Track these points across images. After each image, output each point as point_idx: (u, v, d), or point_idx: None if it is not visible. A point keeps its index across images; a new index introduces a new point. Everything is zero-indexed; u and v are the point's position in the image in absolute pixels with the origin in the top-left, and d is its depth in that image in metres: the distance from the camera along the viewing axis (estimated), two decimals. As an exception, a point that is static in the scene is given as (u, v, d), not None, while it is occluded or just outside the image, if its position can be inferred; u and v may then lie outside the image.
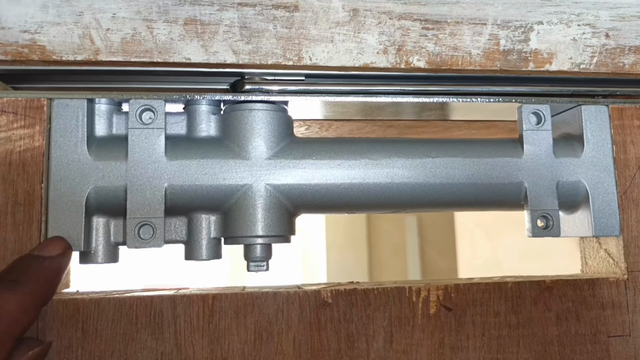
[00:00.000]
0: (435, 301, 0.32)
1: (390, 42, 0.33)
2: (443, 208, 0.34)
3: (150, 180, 0.30)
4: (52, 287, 0.27)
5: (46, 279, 0.27)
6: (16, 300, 0.25)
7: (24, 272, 0.26)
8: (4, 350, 0.24)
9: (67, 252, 0.28)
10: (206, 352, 0.30)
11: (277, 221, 0.32)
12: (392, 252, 2.00)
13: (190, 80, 0.34)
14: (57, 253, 0.28)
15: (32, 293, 0.25)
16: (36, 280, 0.26)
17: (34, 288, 0.26)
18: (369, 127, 0.40)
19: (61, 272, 0.28)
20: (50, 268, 0.27)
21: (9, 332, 0.24)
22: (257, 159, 0.32)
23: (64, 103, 0.30)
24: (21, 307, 0.25)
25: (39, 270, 0.27)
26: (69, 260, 0.29)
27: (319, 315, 0.31)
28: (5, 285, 0.25)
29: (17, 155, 0.30)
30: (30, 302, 0.25)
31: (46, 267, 0.27)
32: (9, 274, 0.26)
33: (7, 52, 0.30)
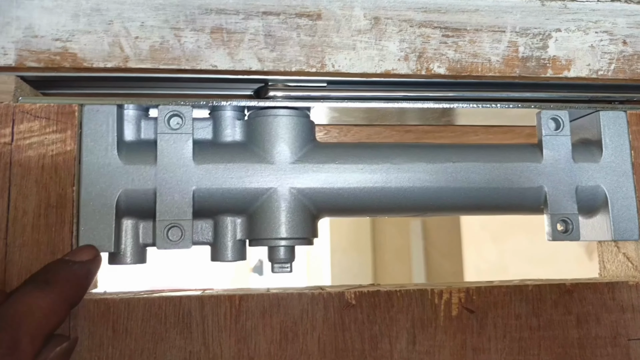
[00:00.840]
0: (457, 303, 0.33)
1: (411, 49, 0.34)
2: (463, 212, 0.35)
3: (179, 184, 0.31)
4: (81, 290, 0.28)
5: (75, 282, 0.27)
6: (47, 300, 0.25)
7: (54, 274, 0.27)
8: (34, 347, 0.24)
9: (97, 258, 0.29)
10: (233, 351, 0.31)
11: (300, 224, 0.32)
12: (397, 255, 2.00)
13: (215, 87, 0.35)
14: (87, 259, 0.29)
15: (62, 294, 0.26)
16: (66, 282, 0.27)
17: (63, 289, 0.26)
18: (387, 132, 0.40)
19: (90, 277, 0.29)
20: (79, 272, 0.28)
21: (39, 329, 0.25)
22: (282, 163, 0.32)
23: (95, 109, 0.31)
24: (51, 306, 0.25)
25: (68, 273, 0.28)
26: (98, 266, 0.29)
27: (342, 317, 0.32)
28: (36, 285, 0.26)
29: (49, 159, 0.31)
30: (60, 303, 0.26)
31: (76, 271, 0.28)
32: (40, 275, 0.27)
33: (40, 59, 0.31)
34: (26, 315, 0.24)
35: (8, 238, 0.30)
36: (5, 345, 0.23)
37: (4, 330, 0.23)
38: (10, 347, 0.23)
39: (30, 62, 0.31)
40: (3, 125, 0.31)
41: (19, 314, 0.24)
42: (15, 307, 0.25)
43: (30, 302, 0.25)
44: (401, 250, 1.96)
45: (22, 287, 0.26)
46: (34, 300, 0.25)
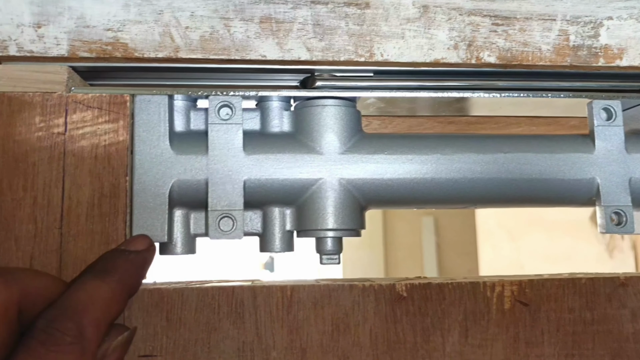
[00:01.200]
0: (509, 296, 0.32)
1: (461, 37, 0.33)
2: (513, 204, 0.34)
3: (230, 174, 0.31)
4: (138, 279, 0.28)
5: (133, 271, 0.27)
6: (107, 289, 0.25)
7: (113, 263, 0.27)
8: (99, 335, 0.24)
9: (151, 248, 0.29)
10: (286, 342, 0.31)
11: (349, 215, 0.32)
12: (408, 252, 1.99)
13: (261, 78, 0.35)
14: (143, 248, 0.29)
15: (121, 283, 0.26)
16: (124, 271, 0.27)
17: (122, 278, 0.26)
18: (429, 123, 0.40)
19: (146, 266, 0.29)
20: (136, 261, 0.28)
21: (102, 318, 0.25)
22: (331, 154, 0.32)
23: (147, 99, 0.31)
24: (112, 295, 0.25)
25: (125, 262, 0.27)
26: (153, 256, 0.29)
27: (394, 309, 0.31)
28: (96, 275, 0.26)
29: (102, 149, 0.31)
30: (119, 292, 0.26)
31: (133, 260, 0.28)
32: (98, 265, 0.27)
33: (91, 50, 0.31)
34: (89, 304, 0.24)
35: (63, 228, 0.30)
36: (71, 333, 0.23)
37: (69, 318, 0.23)
38: (77, 336, 0.23)
39: (83, 53, 0.31)
40: (56, 115, 0.31)
41: (82, 303, 0.24)
42: (78, 295, 0.25)
43: (92, 291, 0.25)
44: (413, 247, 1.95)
45: (82, 277, 0.26)
46: (95, 290, 0.25)
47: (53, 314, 0.23)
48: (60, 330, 0.23)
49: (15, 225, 0.30)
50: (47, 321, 0.23)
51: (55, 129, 0.31)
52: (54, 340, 0.22)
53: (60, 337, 0.23)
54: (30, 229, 0.30)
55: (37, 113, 0.31)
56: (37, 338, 0.23)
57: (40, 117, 0.31)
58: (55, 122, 0.31)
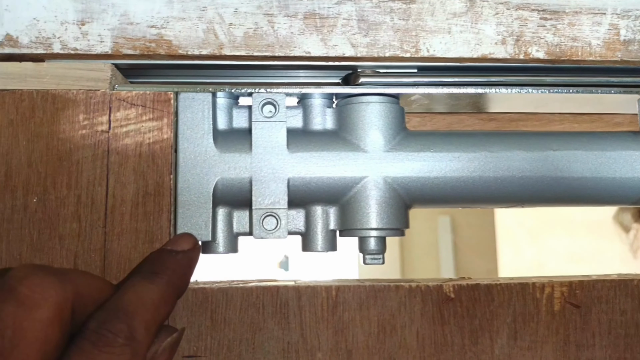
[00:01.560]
0: (559, 298, 0.32)
1: (509, 32, 0.33)
2: (562, 203, 0.33)
3: (274, 172, 0.31)
4: (186, 280, 0.28)
5: (180, 272, 0.27)
6: (156, 290, 0.25)
7: (161, 265, 0.27)
8: (149, 336, 0.24)
9: (197, 247, 0.29)
10: (331, 343, 0.30)
11: (394, 214, 0.32)
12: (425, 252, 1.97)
13: (303, 75, 0.34)
14: (188, 248, 0.28)
15: (170, 284, 0.26)
16: (172, 272, 0.27)
17: (170, 280, 0.26)
18: (469, 120, 0.39)
19: (193, 266, 0.28)
20: (183, 261, 0.28)
21: (153, 319, 0.24)
22: (376, 152, 0.32)
23: (190, 96, 0.31)
24: (161, 296, 0.25)
25: (173, 262, 0.27)
26: (198, 255, 0.29)
27: (441, 310, 0.31)
28: (145, 276, 0.26)
29: (146, 147, 0.31)
30: (169, 293, 0.26)
31: (180, 260, 0.27)
32: (146, 266, 0.27)
33: (135, 47, 0.31)
34: (139, 306, 0.24)
35: (107, 227, 0.30)
36: (123, 335, 0.23)
37: (121, 320, 0.23)
38: (128, 337, 0.23)
39: (126, 50, 0.31)
40: (100, 113, 0.31)
41: (132, 305, 0.24)
42: (128, 297, 0.24)
43: (141, 293, 0.25)
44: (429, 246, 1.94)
45: (131, 279, 0.26)
46: (144, 292, 0.25)
47: (104, 316, 0.23)
48: (112, 332, 0.23)
49: (59, 224, 0.30)
50: (99, 322, 0.23)
51: (99, 127, 0.31)
52: (105, 341, 0.22)
53: (112, 338, 0.22)
54: (74, 228, 0.30)
55: (80, 111, 0.31)
56: (89, 339, 0.22)
57: (84, 115, 0.31)
58: (99, 120, 0.31)
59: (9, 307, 0.22)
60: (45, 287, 0.22)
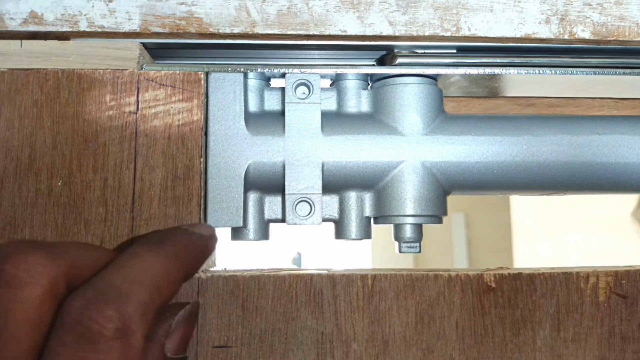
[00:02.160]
0: (604, 288, 0.30)
1: (553, 11, 0.31)
2: (607, 190, 0.32)
3: (308, 156, 0.30)
4: (197, 263, 0.24)
5: (193, 251, 0.24)
6: (159, 265, 0.21)
7: (172, 236, 0.24)
8: (145, 325, 0.20)
9: (214, 237, 0.26)
10: (367, 333, 0.29)
11: (432, 200, 0.30)
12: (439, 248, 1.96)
13: (337, 56, 0.33)
14: (207, 234, 0.26)
15: (178, 259, 0.22)
16: (184, 247, 0.23)
17: (179, 254, 0.22)
18: (507, 105, 0.38)
19: (207, 252, 0.25)
20: (197, 242, 0.25)
21: (151, 301, 0.20)
22: (414, 135, 0.30)
23: (221, 77, 0.30)
24: (164, 273, 0.21)
25: (186, 238, 0.24)
26: (214, 246, 0.26)
27: (482, 300, 0.30)
28: (149, 246, 0.22)
29: (175, 129, 0.29)
30: (175, 271, 0.22)
31: (195, 240, 0.24)
32: (155, 236, 0.24)
33: (164, 25, 0.30)
34: (135, 283, 0.20)
35: (134, 211, 0.29)
36: (112, 326, 0.19)
37: (110, 303, 0.19)
38: (119, 329, 0.19)
39: (155, 28, 0.30)
40: (128, 93, 0.30)
41: (127, 282, 0.20)
42: (124, 272, 0.20)
43: (140, 266, 0.21)
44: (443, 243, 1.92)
45: (132, 248, 0.22)
46: (144, 265, 0.21)
47: (89, 296, 0.19)
48: (97, 322, 0.18)
49: (85, 208, 0.29)
50: (80, 306, 0.19)
51: (126, 108, 0.30)
52: (89, 336, 0.18)
53: (97, 331, 0.18)
54: (101, 212, 0.29)
55: (107, 91, 0.30)
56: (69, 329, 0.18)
57: (111, 96, 0.30)
58: (126, 101, 0.30)
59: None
60: (31, 264, 0.20)
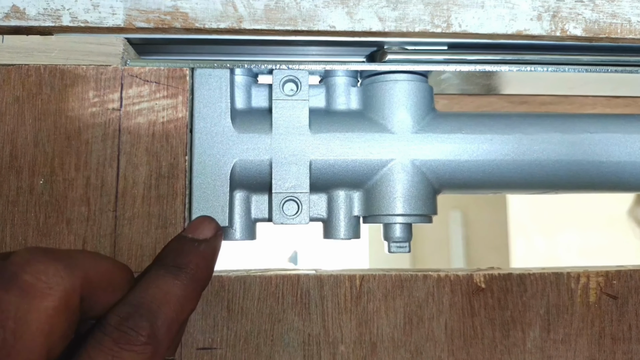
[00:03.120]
0: (595, 288, 0.30)
1: (545, 7, 0.31)
2: (599, 189, 0.31)
3: (296, 154, 0.29)
4: (210, 272, 0.26)
5: (205, 265, 0.25)
6: (181, 286, 0.24)
7: (185, 257, 0.25)
8: (171, 334, 0.23)
9: (219, 233, 0.27)
10: (354, 335, 0.28)
11: (422, 199, 0.30)
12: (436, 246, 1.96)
13: (326, 52, 0.33)
14: (211, 235, 0.26)
15: (194, 279, 0.24)
16: (196, 266, 0.25)
17: (195, 274, 0.25)
18: (499, 103, 0.37)
19: (216, 255, 0.27)
20: (206, 252, 0.26)
21: (176, 317, 0.23)
22: (404, 133, 0.30)
23: (207, 73, 0.29)
24: (185, 293, 0.24)
25: (197, 255, 0.26)
26: (221, 242, 0.27)
27: (471, 301, 0.29)
28: (169, 271, 0.24)
29: (160, 126, 0.29)
30: (193, 289, 0.24)
31: (203, 252, 0.26)
32: (169, 259, 0.25)
33: (149, 20, 0.29)
34: (163, 303, 0.23)
35: (117, 210, 0.28)
36: (145, 333, 0.21)
37: (143, 317, 0.22)
38: (150, 336, 0.22)
39: (140, 23, 0.29)
40: (111, 89, 0.29)
41: (156, 301, 0.23)
42: (152, 293, 0.23)
43: (166, 288, 0.23)
44: (440, 241, 1.92)
45: (154, 272, 0.24)
46: (169, 287, 0.23)
47: (126, 311, 0.22)
48: (134, 329, 0.21)
49: (67, 207, 0.28)
50: (121, 318, 0.22)
51: (110, 105, 0.29)
52: (127, 339, 0.21)
53: (134, 336, 0.21)
54: (83, 211, 0.28)
55: (90, 87, 0.29)
56: (110, 335, 0.21)
57: (94, 92, 0.29)
58: (110, 97, 0.29)
59: (11, 297, 0.20)
60: (50, 275, 0.21)
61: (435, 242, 1.85)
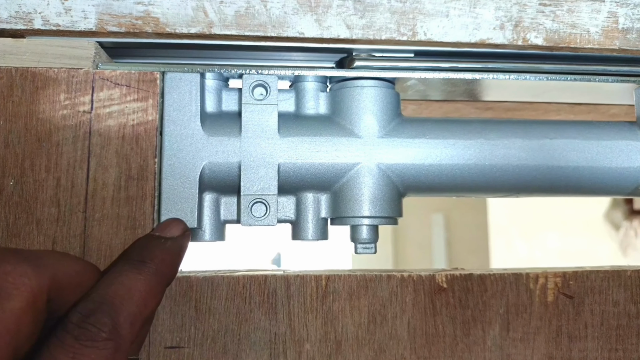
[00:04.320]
0: (553, 288, 0.31)
1: (507, 17, 0.32)
2: (558, 193, 0.33)
3: (264, 157, 0.30)
4: (175, 268, 0.26)
5: (169, 261, 0.26)
6: (145, 281, 0.24)
7: (149, 253, 0.25)
8: (134, 330, 0.23)
9: (187, 233, 0.28)
10: (320, 334, 0.29)
11: (387, 202, 0.31)
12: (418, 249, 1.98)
13: (296, 58, 0.33)
14: (178, 234, 0.27)
15: (158, 274, 0.25)
16: (161, 261, 0.25)
17: (159, 269, 0.25)
18: (466, 109, 0.38)
19: (182, 253, 0.27)
20: (172, 249, 0.26)
21: (140, 313, 0.23)
22: (370, 138, 0.31)
23: (177, 77, 0.30)
24: (149, 287, 0.24)
25: (162, 251, 0.26)
26: (188, 242, 0.28)
27: (433, 300, 0.30)
28: (133, 265, 0.25)
29: (130, 129, 0.29)
30: (156, 283, 0.24)
31: (169, 248, 0.26)
32: (134, 254, 0.26)
33: (120, 24, 0.30)
34: (126, 298, 0.23)
35: (87, 211, 0.29)
36: (107, 329, 0.22)
37: (105, 313, 0.22)
38: (112, 332, 0.22)
39: (111, 27, 0.30)
40: (82, 92, 0.29)
41: (119, 297, 0.23)
42: (115, 288, 0.23)
43: (129, 284, 0.23)
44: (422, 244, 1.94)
45: (118, 267, 0.25)
46: (132, 282, 0.24)
47: (88, 308, 0.22)
48: (95, 326, 0.22)
49: (37, 208, 0.29)
50: (82, 315, 0.22)
51: (80, 107, 0.29)
52: (88, 335, 0.21)
53: (95, 332, 0.21)
54: (53, 212, 0.29)
55: (62, 90, 0.29)
56: (71, 332, 0.21)
57: (65, 95, 0.29)
58: (80, 100, 0.29)
59: None
60: (17, 275, 0.21)
61: (418, 245, 1.87)
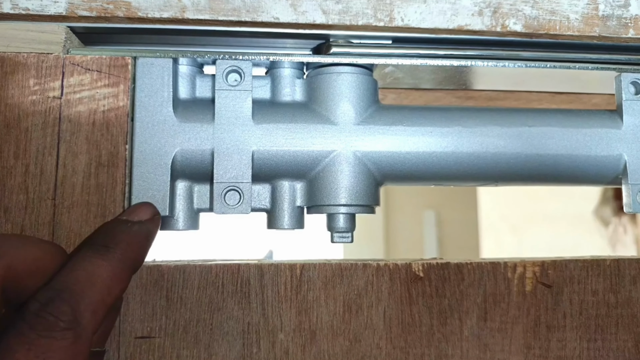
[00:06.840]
0: (531, 278, 0.31)
1: (486, 3, 0.31)
2: (536, 181, 0.32)
3: (238, 144, 0.29)
4: (142, 254, 0.25)
5: (136, 245, 0.25)
6: (108, 267, 0.23)
7: (114, 237, 0.25)
8: (97, 318, 0.22)
9: (156, 218, 0.27)
10: (294, 323, 0.29)
11: (364, 190, 0.30)
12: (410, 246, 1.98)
13: (271, 44, 0.33)
14: (146, 218, 0.26)
15: (123, 259, 0.24)
16: (127, 245, 0.24)
17: (124, 254, 0.24)
18: (448, 98, 0.38)
19: (150, 238, 0.26)
20: (139, 233, 0.26)
21: (102, 300, 0.22)
22: (346, 125, 0.30)
23: (149, 62, 0.29)
24: (113, 274, 0.23)
25: (128, 235, 0.25)
26: (157, 227, 0.27)
27: (410, 290, 0.30)
28: (96, 250, 0.24)
29: (100, 115, 0.29)
30: (122, 270, 0.24)
31: (136, 232, 0.25)
32: (98, 239, 0.25)
33: (91, 8, 0.29)
34: (87, 285, 0.22)
35: (56, 199, 0.28)
36: (65, 318, 0.21)
37: (65, 301, 0.21)
38: (71, 321, 0.21)
39: (82, 11, 0.29)
40: (52, 77, 0.29)
41: (79, 284, 0.22)
42: (75, 275, 0.22)
43: (91, 269, 0.23)
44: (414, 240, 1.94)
45: (81, 252, 0.24)
46: (95, 268, 0.23)
47: (47, 296, 0.21)
48: (53, 315, 0.21)
49: (5, 195, 0.28)
50: (40, 304, 0.21)
51: (50, 93, 0.29)
52: (46, 325, 0.20)
53: (53, 321, 0.20)
54: (21, 200, 0.28)
55: (31, 75, 0.29)
56: (29, 322, 0.20)
57: (34, 80, 0.29)
58: (50, 85, 0.29)
59: None
60: None
61: (410, 242, 1.87)
